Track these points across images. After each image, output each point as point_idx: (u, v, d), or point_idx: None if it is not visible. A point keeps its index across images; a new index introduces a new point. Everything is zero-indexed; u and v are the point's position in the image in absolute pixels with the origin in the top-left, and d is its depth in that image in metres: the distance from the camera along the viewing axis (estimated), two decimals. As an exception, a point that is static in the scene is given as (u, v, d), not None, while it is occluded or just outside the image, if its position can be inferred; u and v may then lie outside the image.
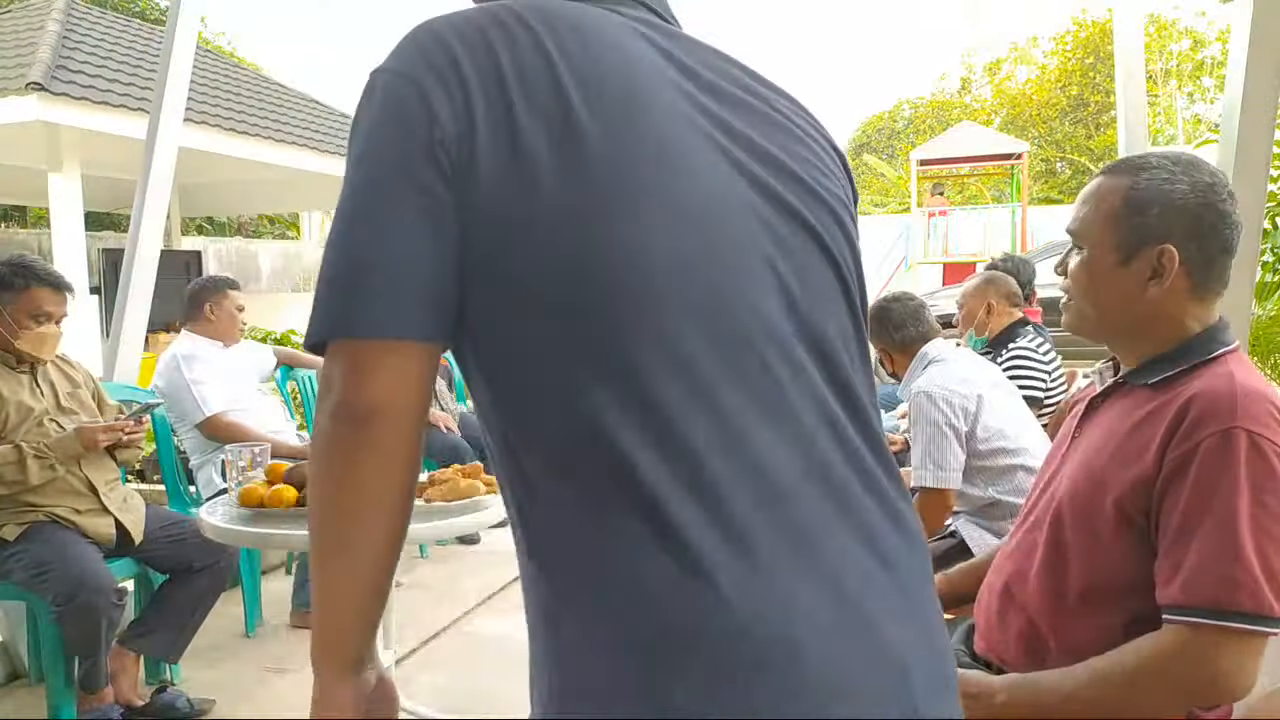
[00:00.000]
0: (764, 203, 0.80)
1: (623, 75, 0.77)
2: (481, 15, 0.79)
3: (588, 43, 0.77)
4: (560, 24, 0.78)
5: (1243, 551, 1.17)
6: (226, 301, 3.62)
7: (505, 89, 0.74)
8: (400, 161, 0.74)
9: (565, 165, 0.73)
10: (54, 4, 10.01)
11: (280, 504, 2.32)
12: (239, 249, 18.52)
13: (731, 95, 0.85)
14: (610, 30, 0.80)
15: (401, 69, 0.77)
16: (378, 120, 0.77)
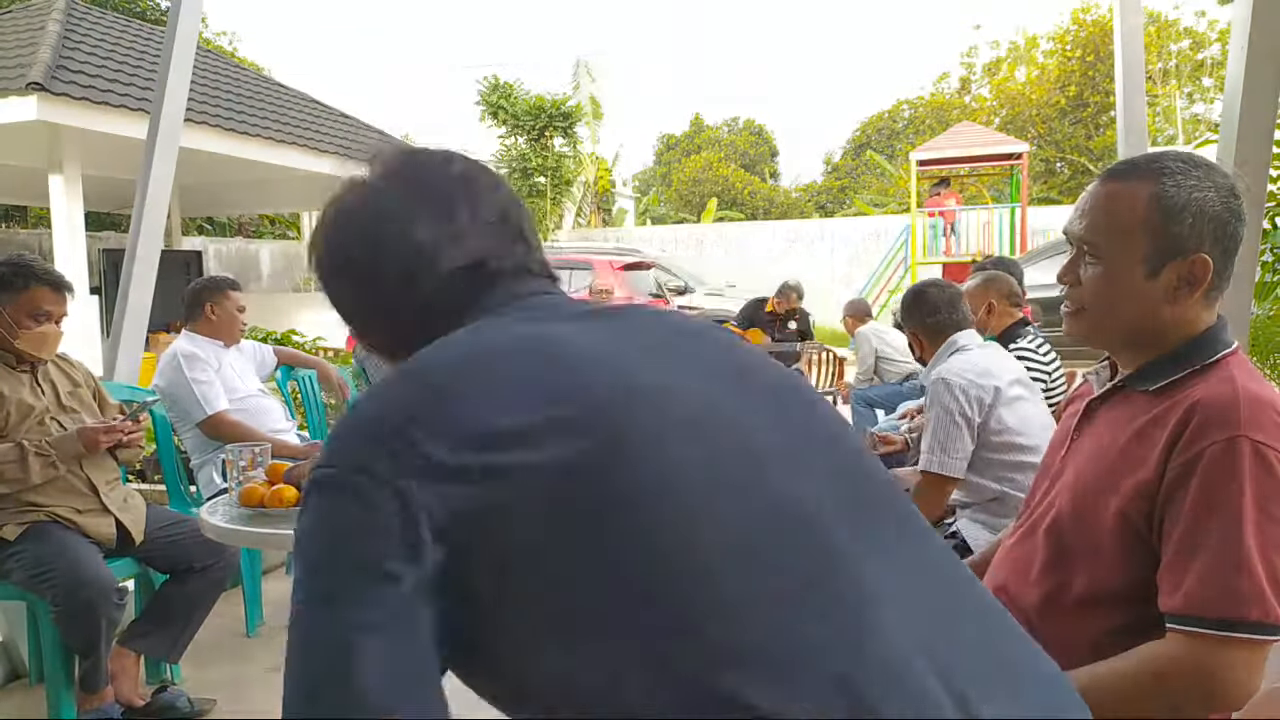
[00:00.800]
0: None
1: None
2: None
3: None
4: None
5: (1248, 562, 1.16)
6: (227, 302, 3.62)
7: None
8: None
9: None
10: (54, 4, 10.02)
11: (280, 504, 2.32)
12: (239, 249, 18.53)
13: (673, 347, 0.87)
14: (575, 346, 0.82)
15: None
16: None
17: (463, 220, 0.93)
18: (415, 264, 0.91)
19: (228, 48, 21.20)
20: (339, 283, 0.98)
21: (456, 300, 0.91)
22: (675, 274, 12.01)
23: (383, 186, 0.96)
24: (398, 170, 0.97)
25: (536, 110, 21.23)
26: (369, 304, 0.97)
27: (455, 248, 0.92)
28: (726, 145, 37.31)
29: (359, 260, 0.94)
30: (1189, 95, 24.24)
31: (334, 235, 0.97)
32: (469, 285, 0.92)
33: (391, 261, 0.92)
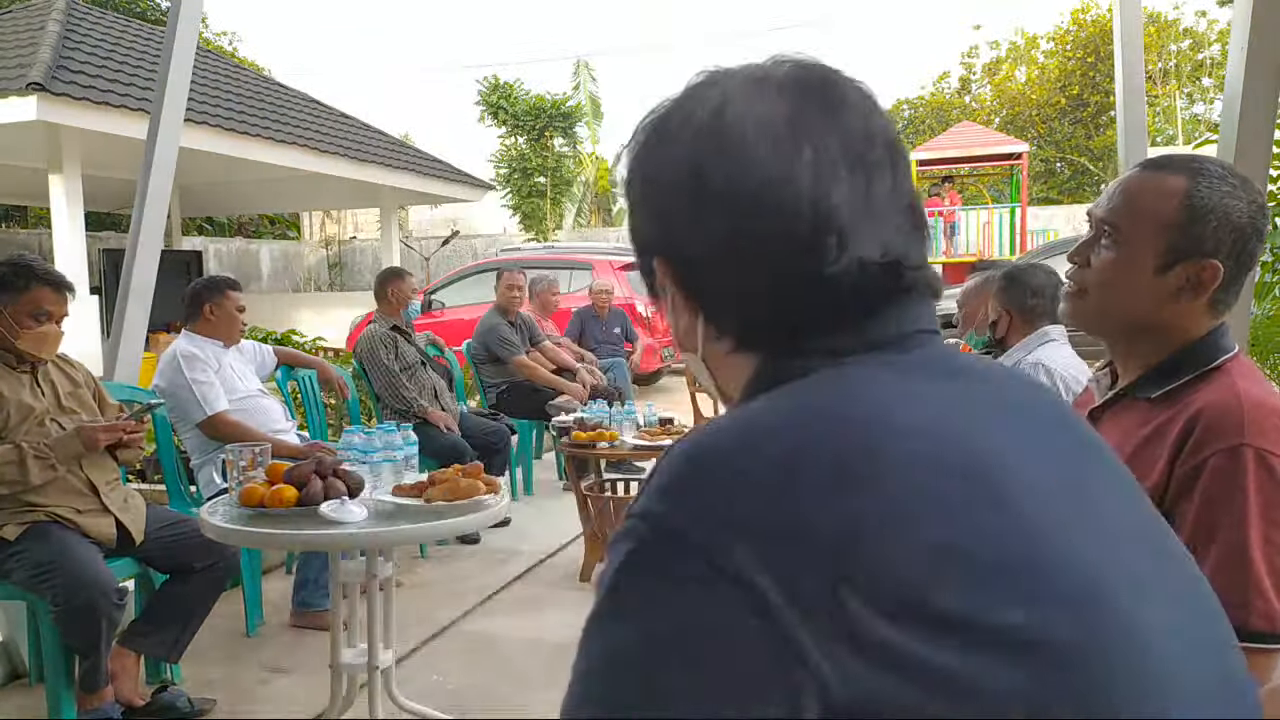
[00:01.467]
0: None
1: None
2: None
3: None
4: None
5: (1253, 571, 1.15)
6: (227, 302, 3.62)
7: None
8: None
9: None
10: (54, 4, 10.02)
11: (280, 504, 2.33)
12: (239, 249, 18.54)
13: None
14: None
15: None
16: None
17: (882, 195, 0.66)
18: (820, 228, 0.63)
19: (228, 48, 21.20)
20: (708, 211, 0.65)
21: (857, 306, 0.65)
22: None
23: (786, 104, 0.65)
24: (806, 90, 0.66)
25: (536, 110, 21.23)
26: (734, 257, 0.66)
27: (871, 229, 0.65)
28: (726, 145, 37.18)
29: (745, 187, 0.64)
30: (1189, 95, 24.23)
31: (710, 137, 0.66)
32: (877, 290, 0.65)
33: (789, 208, 0.63)
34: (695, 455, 0.58)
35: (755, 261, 0.65)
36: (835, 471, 0.55)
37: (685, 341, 0.73)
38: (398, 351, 4.72)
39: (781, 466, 0.55)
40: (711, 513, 0.54)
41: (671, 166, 0.67)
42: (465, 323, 8.11)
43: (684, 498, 0.56)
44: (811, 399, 0.62)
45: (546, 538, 4.61)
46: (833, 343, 0.65)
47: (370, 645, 2.54)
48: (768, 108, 0.65)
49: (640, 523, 0.57)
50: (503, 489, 2.59)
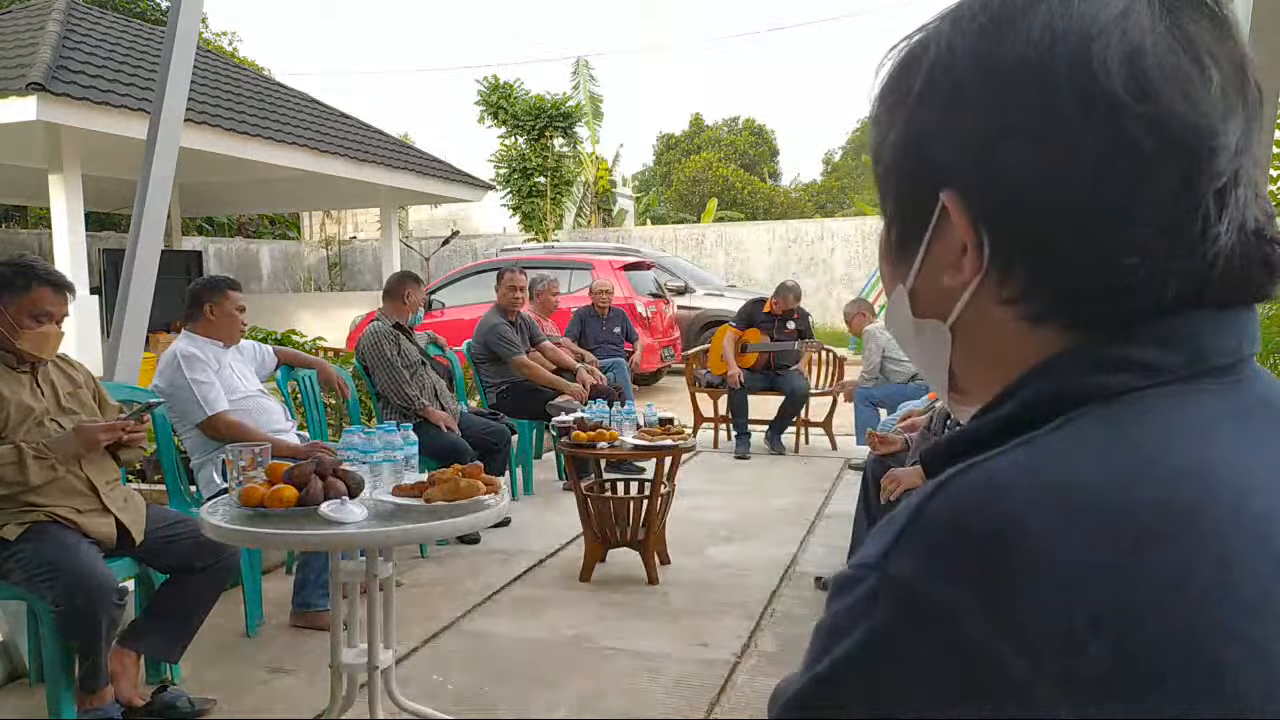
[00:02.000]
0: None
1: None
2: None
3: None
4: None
5: None
6: (227, 302, 3.62)
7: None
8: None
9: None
10: (54, 4, 10.02)
11: (280, 504, 2.33)
12: (239, 249, 18.54)
13: None
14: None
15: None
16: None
17: (1254, 144, 0.51)
18: (1210, 173, 0.49)
19: (228, 48, 21.20)
20: (1067, 123, 0.49)
21: (1230, 287, 0.50)
22: (675, 274, 12.00)
23: (1190, 18, 0.50)
24: (1207, 6, 0.51)
25: (536, 110, 21.21)
26: (1094, 192, 0.49)
27: (1244, 187, 0.50)
28: (726, 145, 37.31)
29: (1123, 97, 0.48)
30: (1189, 95, 24.22)
31: (1106, 34, 0.49)
32: (1253, 270, 0.50)
33: (1181, 136, 0.48)
34: (986, 525, 0.44)
35: (1123, 199, 0.48)
36: (1180, 582, 0.42)
37: (932, 304, 0.57)
38: (400, 349, 4.72)
39: (1117, 570, 0.42)
40: (1011, 616, 0.42)
41: (1021, 65, 0.50)
42: (465, 323, 8.12)
43: (953, 565, 0.44)
44: (1144, 454, 0.46)
45: (546, 538, 4.61)
46: (1164, 346, 0.50)
47: (370, 645, 2.54)
48: (1150, 10, 0.49)
49: (892, 602, 0.45)
50: (503, 489, 2.59)
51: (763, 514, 5.09)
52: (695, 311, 11.49)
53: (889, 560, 0.46)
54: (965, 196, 0.53)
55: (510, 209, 21.41)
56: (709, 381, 7.06)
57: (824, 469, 6.33)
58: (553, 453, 6.18)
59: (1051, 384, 0.51)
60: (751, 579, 3.98)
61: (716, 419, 7.21)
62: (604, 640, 3.30)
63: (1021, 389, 0.52)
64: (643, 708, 2.82)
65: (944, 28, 0.54)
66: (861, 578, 0.47)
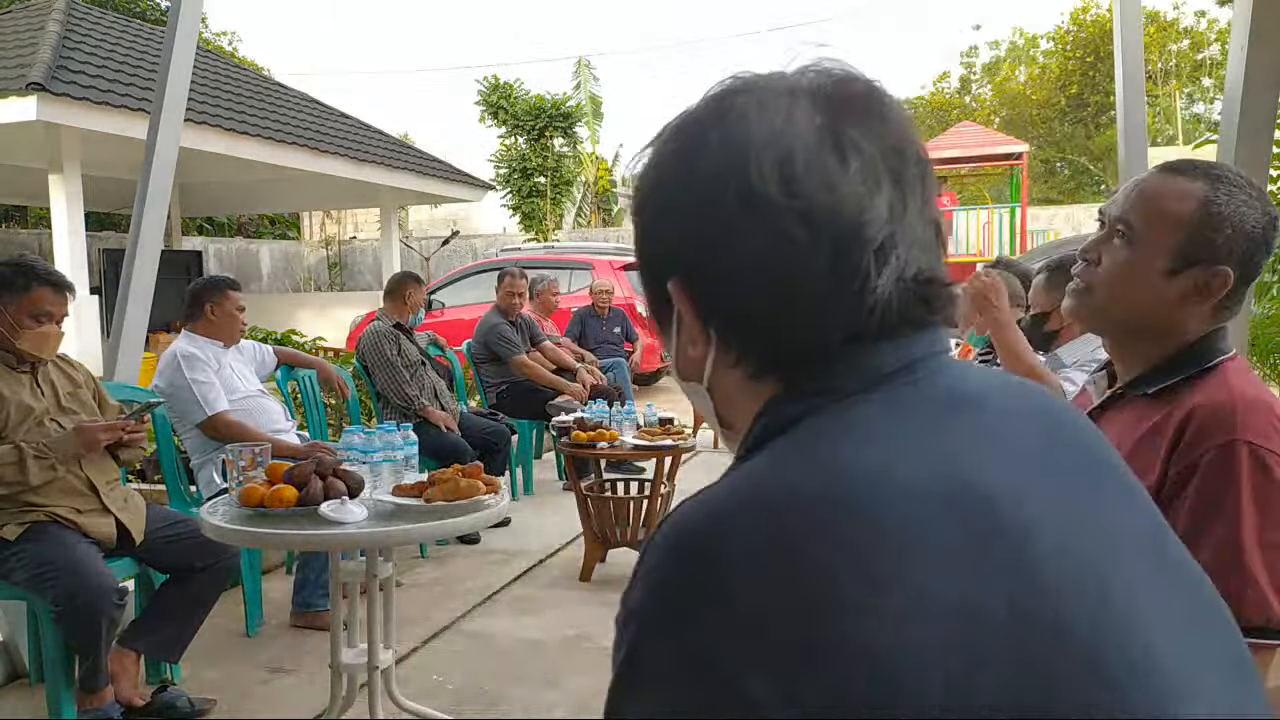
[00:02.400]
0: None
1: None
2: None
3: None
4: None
5: (1248, 566, 1.16)
6: (227, 302, 3.62)
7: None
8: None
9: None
10: (54, 4, 10.03)
11: (280, 504, 2.33)
12: (239, 249, 18.54)
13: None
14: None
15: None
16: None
17: (915, 209, 0.63)
18: (861, 244, 0.60)
19: (227, 48, 21.20)
20: (728, 226, 0.61)
21: (888, 329, 0.62)
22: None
23: (828, 116, 0.61)
24: (851, 101, 0.63)
25: (536, 110, 21.22)
26: (768, 277, 0.61)
27: (906, 246, 0.62)
28: (726, 145, 37.20)
29: (783, 203, 0.59)
30: (1189, 95, 24.24)
31: (766, 151, 0.60)
32: (909, 309, 0.62)
33: (831, 224, 0.60)
34: (678, 543, 0.56)
35: (789, 279, 0.60)
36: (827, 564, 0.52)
37: (689, 370, 0.69)
38: (400, 349, 4.72)
39: (771, 561, 0.52)
40: (699, 616, 0.53)
41: (699, 179, 0.62)
42: (465, 323, 8.12)
43: (668, 593, 0.55)
44: (804, 465, 0.58)
45: (546, 538, 4.61)
46: (848, 373, 0.62)
47: (370, 645, 2.54)
48: (806, 116, 0.61)
49: (629, 623, 0.56)
50: (503, 489, 2.59)
51: (763, 514, 5.08)
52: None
53: (629, 594, 0.57)
54: (684, 286, 0.65)
55: (510, 209, 21.42)
56: (709, 381, 7.04)
57: (824, 469, 6.31)
58: (553, 453, 6.18)
59: (766, 420, 0.63)
60: (751, 579, 3.98)
61: (716, 419, 7.20)
62: (604, 640, 3.29)
63: (752, 429, 0.65)
64: (643, 708, 2.81)
65: (652, 149, 0.67)
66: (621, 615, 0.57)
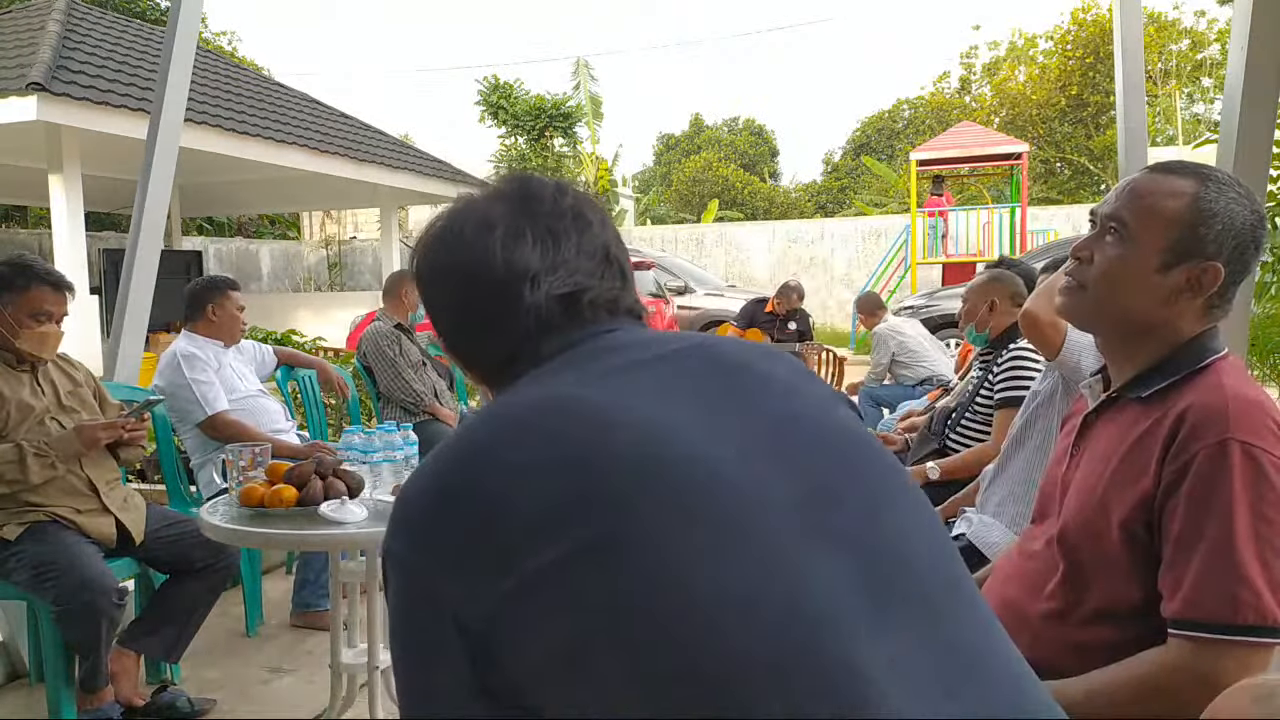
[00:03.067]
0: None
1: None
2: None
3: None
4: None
5: (1242, 564, 1.16)
6: (229, 302, 3.62)
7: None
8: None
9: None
10: (54, 4, 10.02)
11: (280, 504, 2.32)
12: (239, 249, 18.53)
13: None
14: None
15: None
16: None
17: (570, 249, 0.96)
18: (517, 282, 0.93)
19: (227, 48, 21.19)
20: (439, 289, 1.00)
21: (548, 328, 0.93)
22: (675, 274, 12.00)
23: (496, 205, 0.98)
24: (511, 194, 0.99)
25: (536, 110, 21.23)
26: (465, 317, 0.98)
27: (557, 275, 0.94)
28: (726, 145, 37.30)
29: (461, 267, 0.96)
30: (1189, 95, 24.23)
31: (441, 241, 0.99)
32: (563, 313, 0.94)
33: (494, 274, 0.94)
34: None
35: (477, 313, 0.96)
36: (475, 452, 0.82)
37: (480, 388, 1.04)
38: (401, 349, 4.72)
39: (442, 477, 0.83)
40: (397, 541, 0.81)
41: (425, 264, 1.01)
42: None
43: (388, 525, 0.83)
44: (505, 400, 0.89)
45: (546, 538, 4.60)
46: (537, 354, 0.92)
47: (370, 645, 2.54)
48: (481, 209, 0.98)
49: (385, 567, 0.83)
50: (503, 489, 2.58)
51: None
52: (695, 311, 11.50)
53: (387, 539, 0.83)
54: (439, 335, 1.02)
55: (510, 209, 21.39)
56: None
57: (824, 469, 6.30)
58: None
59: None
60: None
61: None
62: (604, 640, 3.28)
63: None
64: (643, 708, 2.81)
65: (419, 246, 1.03)
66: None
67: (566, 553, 0.71)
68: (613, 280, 0.98)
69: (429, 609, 0.76)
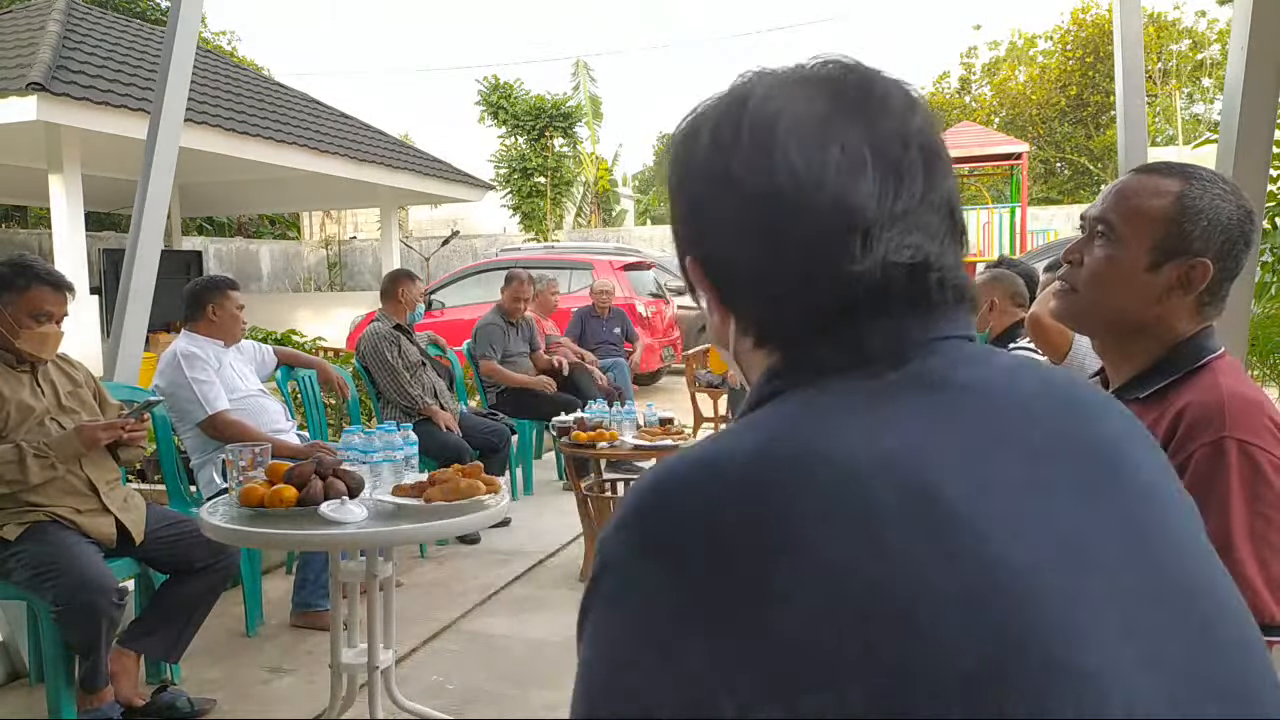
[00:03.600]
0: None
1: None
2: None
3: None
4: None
5: (1239, 563, 1.16)
6: (229, 302, 3.63)
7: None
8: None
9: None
10: (54, 4, 10.02)
11: (280, 504, 2.33)
12: (239, 249, 18.54)
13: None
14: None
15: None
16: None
17: (914, 195, 0.65)
18: (846, 231, 0.63)
19: (227, 47, 21.19)
20: (714, 200, 0.67)
21: (881, 309, 0.64)
22: (675, 274, 12.00)
23: (821, 104, 0.65)
24: (848, 91, 0.66)
25: (536, 110, 21.23)
26: (747, 257, 0.66)
27: (898, 229, 0.64)
28: (726, 145, 37.19)
29: (762, 185, 0.64)
30: (1189, 95, 24.23)
31: (736, 134, 0.66)
32: (905, 291, 0.64)
33: (816, 210, 0.63)
34: (639, 493, 0.60)
35: (780, 259, 0.65)
36: (752, 527, 0.55)
37: (718, 338, 0.74)
38: (400, 349, 4.72)
39: (709, 513, 0.56)
40: (642, 551, 0.58)
41: (705, 167, 0.68)
42: (465, 323, 8.12)
43: (627, 533, 0.59)
44: (750, 435, 0.61)
45: (546, 538, 4.61)
46: (834, 349, 0.65)
47: (370, 645, 2.54)
48: (800, 108, 0.65)
49: (605, 574, 0.59)
50: (503, 489, 2.59)
51: (763, 514, 5.08)
52: (695, 311, 11.47)
53: (605, 541, 0.59)
54: (695, 262, 0.71)
55: (510, 209, 21.42)
56: (709, 381, 7.06)
57: (824, 469, 6.32)
58: (553, 453, 6.18)
59: (761, 388, 0.68)
60: (751, 579, 3.98)
61: (716, 419, 7.21)
62: (604, 640, 3.28)
63: (751, 395, 0.69)
64: (643, 708, 2.81)
65: (672, 143, 0.73)
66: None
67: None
68: (957, 252, 0.68)
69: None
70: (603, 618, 0.58)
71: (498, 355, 5.77)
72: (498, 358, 5.76)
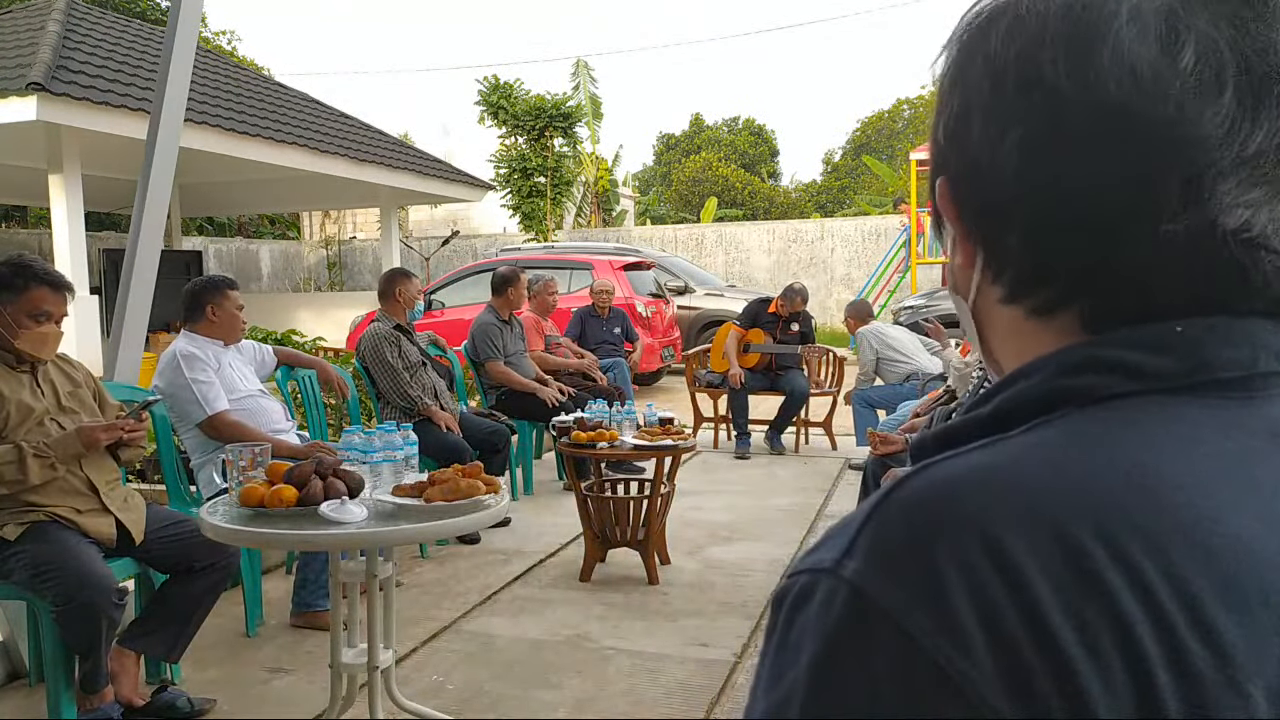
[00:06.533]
0: None
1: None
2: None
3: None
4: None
5: None
6: (228, 302, 3.63)
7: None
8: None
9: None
10: (55, 4, 10.02)
11: (280, 504, 2.33)
12: (239, 249, 18.54)
13: None
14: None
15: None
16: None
17: (1271, 140, 0.46)
18: (1171, 167, 0.45)
19: (227, 47, 21.19)
20: (1016, 110, 0.49)
21: (1187, 293, 0.47)
22: (675, 274, 11.99)
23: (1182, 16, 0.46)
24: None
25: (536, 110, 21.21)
26: (1042, 195, 0.49)
27: (1242, 186, 0.46)
28: (726, 145, 37.31)
29: (1074, 90, 0.47)
30: None
31: (1044, 17, 0.49)
32: (1223, 277, 0.46)
33: (1136, 135, 0.45)
34: (910, 514, 0.44)
35: (1063, 194, 0.48)
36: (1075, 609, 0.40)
37: (958, 283, 0.57)
38: (400, 350, 4.72)
39: (1023, 573, 0.41)
40: (949, 615, 0.41)
41: (995, 64, 0.50)
42: (465, 323, 8.11)
43: (896, 566, 0.43)
44: (1097, 466, 0.44)
45: (546, 538, 4.60)
46: (1157, 351, 0.46)
47: (370, 645, 2.54)
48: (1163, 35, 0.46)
49: (844, 608, 0.43)
50: (502, 489, 2.59)
51: (763, 514, 5.09)
52: (695, 311, 11.48)
53: (842, 564, 0.44)
54: (947, 186, 0.54)
55: (510, 209, 21.40)
56: (709, 381, 7.06)
57: (824, 469, 6.33)
58: (553, 453, 6.18)
59: (1033, 385, 0.49)
60: (751, 579, 3.98)
61: (716, 419, 7.21)
62: (604, 640, 3.29)
63: (1005, 388, 0.50)
64: (642, 708, 2.81)
65: (957, 32, 0.55)
66: (816, 584, 0.44)
67: None
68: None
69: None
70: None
71: (501, 356, 5.77)
72: (502, 358, 5.76)
